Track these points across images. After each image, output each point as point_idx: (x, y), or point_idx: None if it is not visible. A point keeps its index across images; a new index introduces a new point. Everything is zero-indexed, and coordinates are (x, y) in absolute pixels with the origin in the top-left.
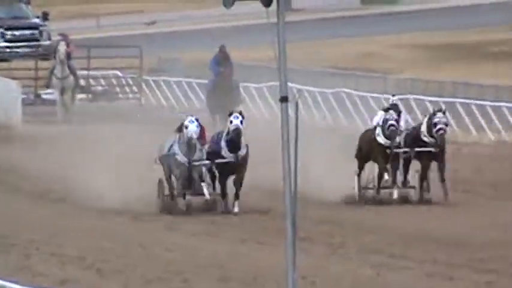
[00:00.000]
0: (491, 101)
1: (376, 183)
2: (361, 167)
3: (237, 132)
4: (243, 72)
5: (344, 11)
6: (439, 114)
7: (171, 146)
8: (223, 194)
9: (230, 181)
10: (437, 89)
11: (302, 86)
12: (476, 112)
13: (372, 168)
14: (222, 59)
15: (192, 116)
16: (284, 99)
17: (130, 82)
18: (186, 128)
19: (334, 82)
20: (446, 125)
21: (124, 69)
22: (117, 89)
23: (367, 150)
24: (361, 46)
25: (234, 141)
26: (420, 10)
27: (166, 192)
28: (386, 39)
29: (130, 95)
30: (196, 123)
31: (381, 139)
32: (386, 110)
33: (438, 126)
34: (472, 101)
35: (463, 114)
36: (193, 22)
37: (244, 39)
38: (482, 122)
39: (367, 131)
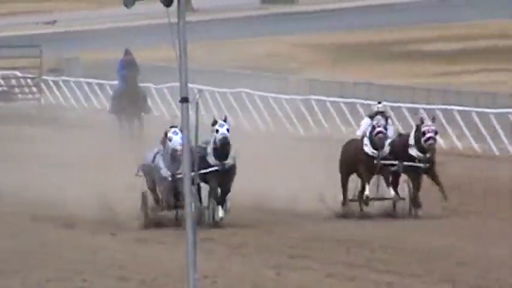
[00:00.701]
0: (391, 102)
1: (359, 196)
2: (345, 181)
3: (225, 141)
4: (144, 73)
5: (245, 11)
6: (428, 123)
7: (154, 157)
8: (221, 202)
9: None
10: (339, 89)
11: (203, 86)
12: None
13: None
14: (128, 63)
15: (176, 127)
16: (184, 100)
17: (30, 82)
18: (170, 140)
19: (235, 82)
20: (436, 133)
21: (23, 70)
22: (17, 90)
23: (353, 161)
24: (262, 46)
25: (222, 150)
26: (323, 10)
27: (150, 204)
28: (289, 39)
29: (30, 96)
30: (180, 134)
31: (368, 149)
32: (372, 117)
33: (427, 135)
34: (373, 102)
35: (364, 115)
36: (93, 22)
37: (144, 39)
38: None
39: (351, 141)
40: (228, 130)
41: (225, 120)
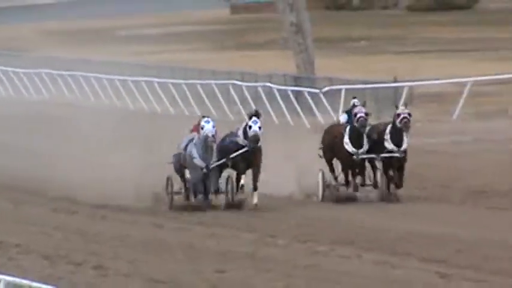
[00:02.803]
0: (106, 74)
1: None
2: (330, 165)
3: (255, 138)
4: None
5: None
6: (401, 107)
7: (187, 145)
8: (255, 185)
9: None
10: (66, 65)
11: None
12: (95, 83)
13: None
14: None
15: (208, 117)
16: None
17: None
18: (202, 128)
19: None
20: (410, 115)
21: None
22: None
23: (335, 153)
24: (8, 32)
25: (252, 147)
26: (60, 2)
27: (176, 189)
28: (29, 26)
29: None
30: (212, 123)
31: (348, 147)
32: (349, 112)
33: (402, 115)
34: (90, 74)
35: (84, 85)
36: None
37: None
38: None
39: (332, 127)
40: (259, 128)
41: (258, 117)
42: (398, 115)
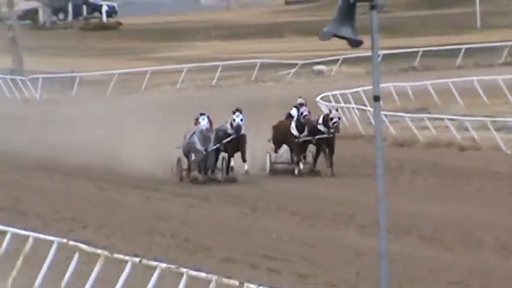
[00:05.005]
0: None
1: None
2: (277, 149)
3: (238, 129)
4: None
5: None
6: (334, 112)
7: (192, 135)
8: (244, 159)
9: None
10: None
11: None
12: None
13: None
14: None
15: (204, 113)
16: None
17: None
18: (199, 123)
19: None
20: (339, 118)
21: None
22: None
23: (283, 138)
24: None
25: (236, 134)
26: None
27: (184, 166)
28: None
29: None
30: (206, 119)
31: (294, 131)
32: (297, 107)
33: (334, 120)
34: None
35: None
36: None
37: None
38: None
39: (282, 122)
40: (241, 120)
41: (240, 112)
42: (332, 119)
